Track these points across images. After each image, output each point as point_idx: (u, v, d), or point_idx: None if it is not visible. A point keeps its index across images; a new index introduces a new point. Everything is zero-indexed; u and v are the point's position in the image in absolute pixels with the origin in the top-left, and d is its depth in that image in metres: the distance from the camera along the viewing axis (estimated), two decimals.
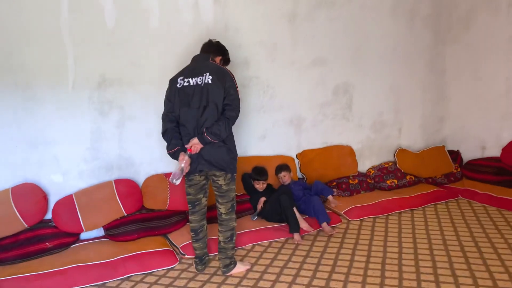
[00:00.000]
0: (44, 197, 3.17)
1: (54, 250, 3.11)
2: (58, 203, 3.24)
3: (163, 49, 3.54)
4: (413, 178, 4.59)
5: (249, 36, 3.92)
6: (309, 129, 4.35)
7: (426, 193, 4.28)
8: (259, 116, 4.07)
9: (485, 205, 4.08)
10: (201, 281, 2.79)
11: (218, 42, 3.04)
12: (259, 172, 3.77)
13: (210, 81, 2.68)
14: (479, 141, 4.78)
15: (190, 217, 2.91)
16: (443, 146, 5.00)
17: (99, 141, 3.43)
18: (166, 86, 3.24)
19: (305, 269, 2.89)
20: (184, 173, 2.67)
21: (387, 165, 4.66)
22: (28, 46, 3.11)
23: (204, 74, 2.71)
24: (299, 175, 4.31)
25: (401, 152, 4.72)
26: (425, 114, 5.03)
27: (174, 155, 2.75)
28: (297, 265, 2.96)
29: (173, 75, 2.90)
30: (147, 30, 3.48)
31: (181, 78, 2.78)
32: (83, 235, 3.38)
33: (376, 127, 4.75)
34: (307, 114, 4.33)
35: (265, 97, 4.08)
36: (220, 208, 2.85)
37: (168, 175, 3.54)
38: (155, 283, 2.77)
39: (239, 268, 2.88)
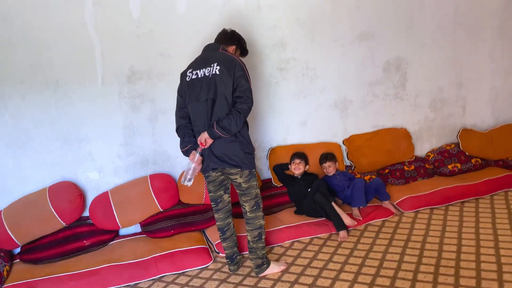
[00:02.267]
0: (80, 195, 3.22)
1: (92, 248, 3.16)
2: (94, 201, 3.27)
3: (192, 36, 3.40)
4: (480, 161, 4.12)
5: (285, 15, 3.66)
6: (357, 111, 4.06)
7: (495, 179, 3.82)
8: (298, 101, 3.84)
9: None
10: (232, 283, 2.68)
11: (232, 31, 2.87)
12: (295, 152, 3.60)
13: (217, 72, 2.52)
14: None
15: (215, 216, 2.81)
16: None
17: (132, 136, 3.41)
18: None
19: (346, 271, 2.67)
20: (196, 173, 2.57)
21: (448, 147, 4.23)
22: (55, 44, 3.12)
23: (212, 65, 2.56)
24: (347, 162, 4.03)
25: (465, 132, 4.25)
26: (495, 87, 4.47)
27: (187, 153, 2.66)
28: (338, 266, 2.74)
29: None
30: (174, 17, 3.36)
31: (190, 70, 2.65)
32: (122, 231, 3.41)
33: (436, 105, 4.33)
34: (354, 95, 4.02)
35: (305, 80, 3.83)
36: (244, 206, 2.72)
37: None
38: (186, 284, 2.71)
39: (273, 269, 2.75)
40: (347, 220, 3.20)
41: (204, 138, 2.52)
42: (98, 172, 3.37)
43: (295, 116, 3.86)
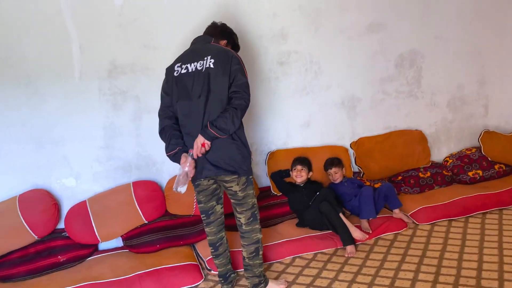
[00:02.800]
0: (54, 204, 3.20)
1: (67, 265, 3.14)
2: (70, 211, 3.26)
3: (182, 25, 3.40)
4: (504, 168, 4.13)
5: (285, 2, 3.67)
6: (366, 111, 4.07)
7: None
8: (301, 99, 3.85)
9: None
10: None
11: (223, 24, 2.87)
12: (298, 158, 3.61)
13: (212, 65, 2.51)
14: None
15: (206, 229, 2.77)
16: None
17: (113, 138, 3.40)
18: None
19: None
20: (190, 178, 2.53)
21: (469, 152, 4.23)
22: (27, 36, 3.10)
23: (205, 58, 2.55)
24: (355, 168, 4.03)
25: (487, 135, 4.25)
26: None
27: (175, 158, 2.59)
28: (345, 286, 2.73)
29: None
30: (162, 5, 3.36)
31: (179, 64, 2.63)
32: (102, 246, 3.39)
33: (455, 104, 4.35)
34: (362, 93, 4.04)
35: (308, 75, 3.84)
36: (239, 218, 2.68)
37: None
38: None
39: None
40: (356, 234, 3.19)
41: (201, 142, 2.46)
42: (75, 178, 3.35)
43: (297, 116, 3.86)
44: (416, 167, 4.09)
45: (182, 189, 2.49)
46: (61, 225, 3.30)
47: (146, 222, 3.33)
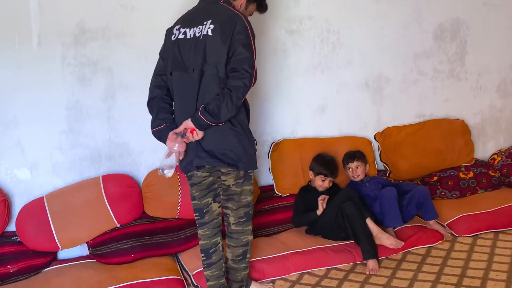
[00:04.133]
0: (4, 201, 3.21)
1: (19, 276, 3.15)
2: (24, 210, 3.26)
3: None
4: None
5: None
6: (396, 95, 4.12)
7: None
8: (315, 78, 3.88)
9: None
10: None
11: None
12: (328, 163, 3.61)
13: (210, 32, 2.57)
14: None
15: (198, 231, 2.86)
16: None
17: (79, 120, 3.41)
18: None
19: None
20: (178, 161, 2.60)
21: None
22: None
23: (205, 22, 2.60)
24: (380, 166, 4.07)
25: None
26: None
27: (160, 135, 2.70)
28: None
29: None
30: None
31: (178, 27, 2.72)
32: (62, 254, 3.41)
33: (506, 89, 4.42)
34: (392, 71, 4.08)
35: (324, 48, 3.86)
36: (228, 216, 2.80)
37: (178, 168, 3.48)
38: None
39: None
40: (389, 241, 3.27)
41: (190, 128, 2.54)
42: (30, 169, 3.36)
43: (309, 99, 3.89)
44: (456, 166, 4.14)
45: (169, 173, 2.56)
46: (12, 227, 3.30)
47: (119, 225, 3.35)
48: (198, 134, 2.57)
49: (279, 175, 3.75)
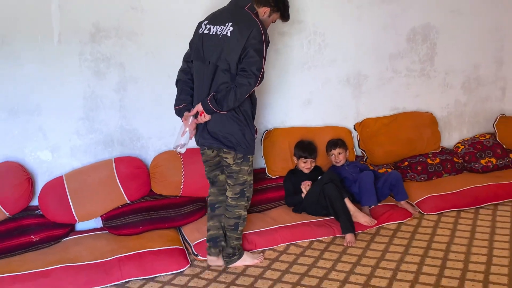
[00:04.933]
0: (28, 179, 3.19)
1: (41, 245, 3.14)
2: (45, 187, 3.25)
3: None
4: None
5: None
6: (373, 90, 4.08)
7: None
8: (302, 74, 3.84)
9: None
10: None
11: None
12: (306, 146, 3.60)
13: (229, 33, 2.66)
14: None
15: (209, 190, 3.05)
16: None
17: (94, 109, 3.38)
18: (178, 36, 3.27)
19: (351, 283, 2.69)
20: (191, 138, 2.73)
21: (482, 138, 4.27)
22: None
23: (226, 24, 2.70)
24: (358, 152, 4.06)
25: (504, 120, 4.29)
26: None
27: (179, 113, 2.84)
28: (342, 276, 2.77)
29: (186, 22, 3.12)
30: None
31: (206, 22, 2.83)
32: (79, 226, 3.40)
33: (469, 86, 4.38)
34: (370, 70, 4.04)
35: (311, 48, 3.83)
36: (227, 190, 2.90)
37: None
38: None
39: (245, 261, 2.94)
40: (364, 219, 3.28)
41: (200, 111, 2.69)
42: (51, 151, 3.34)
43: (297, 93, 3.86)
44: (424, 153, 4.13)
45: (182, 149, 2.71)
46: (35, 202, 3.29)
47: (129, 201, 3.34)
48: (206, 117, 2.70)
49: (270, 159, 3.73)
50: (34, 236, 3.12)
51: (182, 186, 3.42)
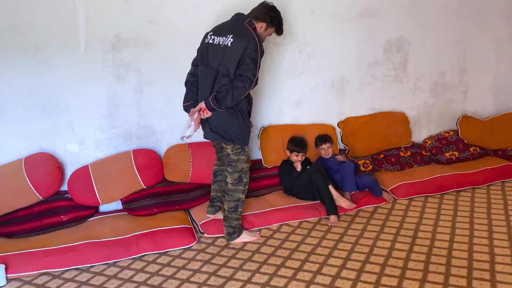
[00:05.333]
0: (58, 167, 3.17)
1: (69, 224, 3.14)
2: (73, 174, 3.24)
3: (183, 2, 3.33)
4: (478, 150, 4.15)
5: None
6: (354, 93, 4.04)
7: (493, 168, 3.85)
8: (294, 79, 3.81)
9: None
10: (216, 264, 2.69)
11: (271, 7, 2.92)
12: (298, 142, 3.56)
13: (229, 44, 2.69)
14: None
15: (215, 162, 3.14)
16: None
17: (116, 108, 3.36)
18: (187, 46, 3.23)
19: (334, 257, 2.69)
20: (195, 131, 2.74)
21: (447, 134, 4.25)
22: (35, 4, 3.03)
23: (228, 36, 2.71)
24: (341, 146, 4.04)
25: (465, 119, 4.26)
26: (499, 73, 4.49)
27: (186, 109, 2.88)
28: (327, 251, 2.76)
29: (194, 33, 3.13)
30: None
31: (211, 33, 2.86)
32: (102, 208, 3.39)
33: (436, 90, 4.33)
34: (351, 75, 4.00)
35: (301, 57, 3.79)
36: (227, 177, 2.89)
37: (190, 145, 3.52)
38: (168, 264, 2.71)
39: (244, 238, 2.94)
40: (345, 203, 3.27)
41: (202, 108, 2.71)
42: (78, 144, 3.33)
43: (289, 95, 3.83)
44: (398, 147, 4.10)
45: (187, 140, 2.75)
46: (64, 187, 3.28)
47: (145, 187, 3.33)
48: (207, 113, 2.72)
49: (266, 152, 3.71)
50: (63, 216, 3.12)
51: (190, 174, 3.41)
